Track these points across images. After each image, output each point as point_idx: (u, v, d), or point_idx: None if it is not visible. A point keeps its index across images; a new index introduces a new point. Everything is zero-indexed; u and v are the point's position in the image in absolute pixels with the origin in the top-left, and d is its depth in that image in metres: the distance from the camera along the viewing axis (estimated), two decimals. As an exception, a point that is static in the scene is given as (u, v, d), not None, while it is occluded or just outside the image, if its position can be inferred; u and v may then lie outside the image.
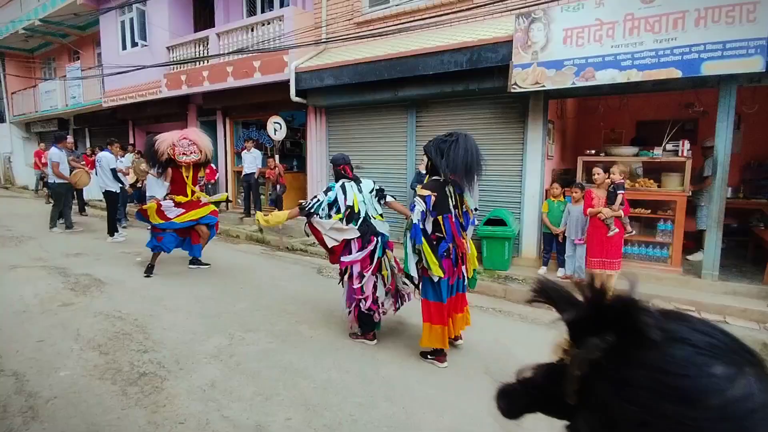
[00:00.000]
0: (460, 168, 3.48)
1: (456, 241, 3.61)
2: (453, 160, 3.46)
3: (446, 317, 3.65)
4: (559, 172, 7.01)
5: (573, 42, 5.36)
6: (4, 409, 3.00)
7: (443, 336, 3.63)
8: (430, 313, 3.66)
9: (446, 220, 3.57)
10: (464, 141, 3.51)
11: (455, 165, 3.47)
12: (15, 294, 5.22)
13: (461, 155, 3.45)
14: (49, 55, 17.97)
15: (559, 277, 5.91)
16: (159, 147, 5.86)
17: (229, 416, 2.98)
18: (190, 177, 6.07)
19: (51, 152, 8.95)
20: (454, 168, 3.48)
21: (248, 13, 10.37)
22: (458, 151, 3.46)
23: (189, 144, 5.95)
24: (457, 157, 3.45)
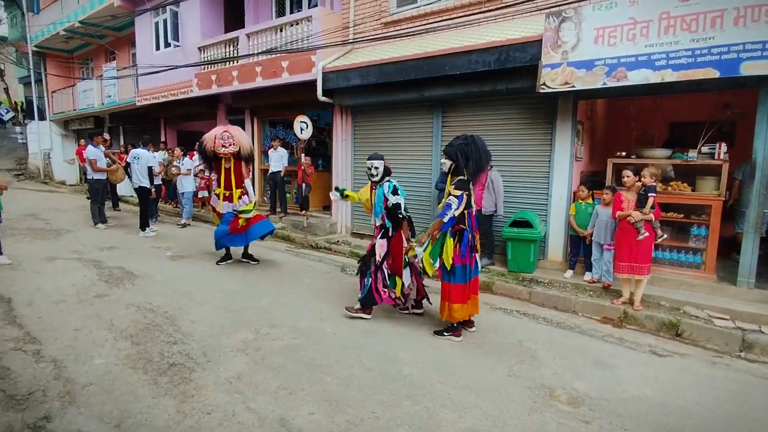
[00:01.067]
0: (485, 167, 4.22)
1: (473, 232, 4.22)
2: (477, 161, 4.05)
3: (468, 296, 4.23)
4: (587, 174, 6.87)
5: (605, 41, 5.25)
6: (44, 393, 3.15)
7: (462, 312, 4.20)
8: (449, 294, 4.20)
9: (469, 215, 4.14)
10: (481, 143, 4.12)
11: (481, 165, 4.10)
12: (54, 285, 5.45)
13: (483, 156, 4.10)
14: (87, 55, 18.65)
15: (586, 281, 5.80)
16: (206, 143, 6.16)
17: (254, 408, 3.04)
18: (231, 169, 6.28)
19: (88, 150, 9.31)
20: (481, 168, 4.13)
21: (277, 13, 10.53)
22: (479, 153, 4.07)
23: (228, 137, 6.17)
24: (480, 159, 4.06)
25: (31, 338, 4.02)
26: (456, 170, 4.11)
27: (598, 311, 5.15)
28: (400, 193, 4.60)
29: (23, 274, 5.88)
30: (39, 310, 4.67)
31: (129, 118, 15.66)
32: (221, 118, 11.99)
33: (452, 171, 4.15)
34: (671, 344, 4.44)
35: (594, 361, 3.95)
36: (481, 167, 4.09)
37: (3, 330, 4.18)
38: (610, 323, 4.94)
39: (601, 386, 3.50)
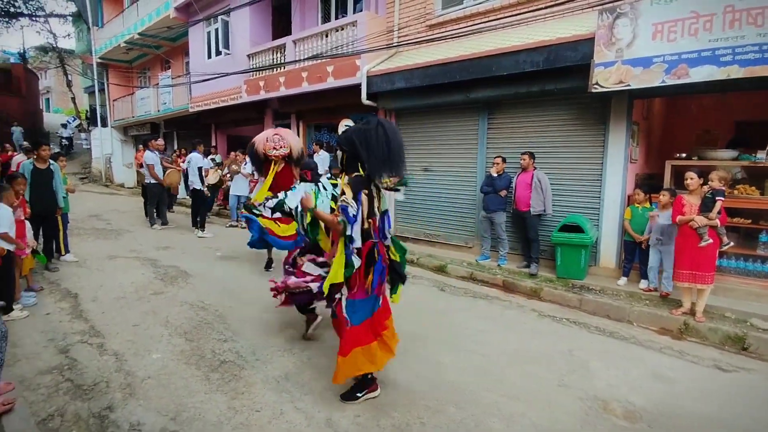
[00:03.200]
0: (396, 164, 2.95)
1: (379, 248, 3.07)
2: (380, 153, 2.86)
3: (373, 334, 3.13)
4: (642, 177, 6.54)
5: (664, 37, 4.98)
6: (107, 384, 3.34)
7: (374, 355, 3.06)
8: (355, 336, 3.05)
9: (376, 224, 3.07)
10: (391, 131, 2.95)
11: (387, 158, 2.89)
12: (115, 282, 5.78)
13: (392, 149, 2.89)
14: (145, 65, 19.73)
15: (641, 289, 5.52)
16: (257, 146, 6.16)
17: (301, 408, 3.09)
18: (281, 172, 6.25)
19: (146, 156, 9.83)
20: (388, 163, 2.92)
21: (323, 19, 10.73)
22: (385, 141, 2.87)
23: (279, 139, 6.20)
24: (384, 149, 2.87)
25: (96, 332, 4.28)
26: (350, 164, 3.01)
27: (656, 321, 4.88)
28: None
29: (88, 272, 6.27)
30: (102, 306, 4.97)
31: (182, 123, 16.42)
32: (268, 123, 12.34)
33: (346, 165, 3.04)
34: (737, 359, 4.14)
35: (651, 373, 3.74)
36: (387, 161, 2.89)
37: (71, 323, 4.47)
38: (669, 335, 4.67)
39: (659, 401, 3.31)
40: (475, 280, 6.47)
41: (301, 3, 11.01)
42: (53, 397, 3.18)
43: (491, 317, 5.01)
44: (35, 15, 24.60)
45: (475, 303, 5.51)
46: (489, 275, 6.42)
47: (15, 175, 5.34)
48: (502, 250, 6.82)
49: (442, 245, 8.04)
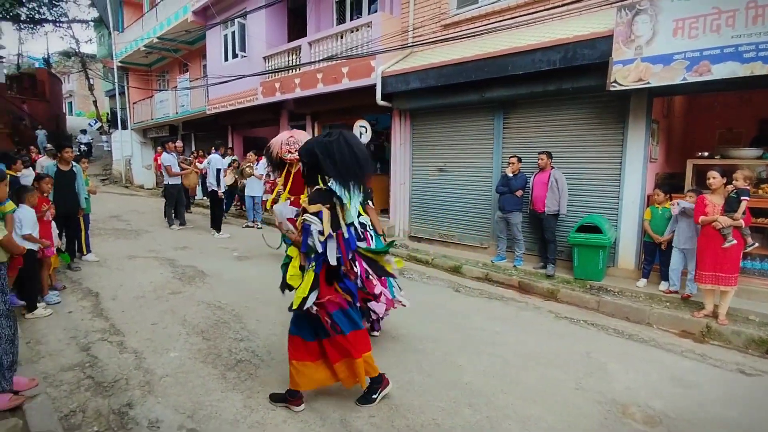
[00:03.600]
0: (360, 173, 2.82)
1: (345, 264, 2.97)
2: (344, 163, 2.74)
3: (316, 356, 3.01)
4: (663, 177, 6.41)
5: (685, 34, 4.87)
6: (126, 381, 3.40)
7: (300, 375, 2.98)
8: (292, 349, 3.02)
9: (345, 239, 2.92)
10: (354, 140, 2.86)
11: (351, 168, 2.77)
12: (134, 281, 5.89)
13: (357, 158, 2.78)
14: (164, 68, 20.09)
15: (662, 291, 5.40)
16: (273, 149, 6.15)
17: (316, 408, 3.10)
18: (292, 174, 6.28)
19: (163, 157, 10.01)
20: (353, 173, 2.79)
21: (338, 21, 10.78)
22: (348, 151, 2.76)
23: (294, 142, 6.22)
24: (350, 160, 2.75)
25: (116, 330, 4.36)
26: (311, 177, 2.92)
27: (677, 324, 4.77)
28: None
29: (108, 271, 6.40)
30: (122, 304, 5.06)
31: (200, 125, 16.67)
32: (284, 124, 12.44)
33: (307, 178, 2.98)
34: (761, 362, 4.02)
35: (672, 377, 3.66)
36: (352, 172, 2.76)
37: (92, 322, 4.57)
38: (691, 338, 4.57)
39: (680, 405, 3.23)
40: (490, 281, 6.42)
41: (316, 5, 11.08)
42: (75, 393, 3.25)
43: (507, 318, 4.96)
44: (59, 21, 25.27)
45: (490, 304, 5.47)
46: (505, 276, 6.36)
47: (42, 175, 5.49)
48: (518, 251, 6.75)
49: (457, 246, 7.99)
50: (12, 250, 3.08)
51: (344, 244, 2.91)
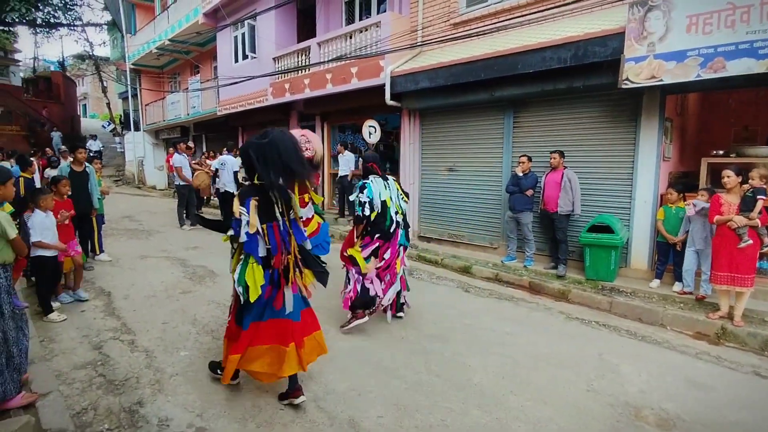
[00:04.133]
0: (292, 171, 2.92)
1: (278, 255, 2.99)
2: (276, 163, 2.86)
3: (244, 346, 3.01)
4: (676, 176, 6.30)
5: (699, 30, 4.78)
6: (137, 380, 3.43)
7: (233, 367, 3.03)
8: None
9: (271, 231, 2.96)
10: (285, 141, 2.95)
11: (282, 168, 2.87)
12: (146, 281, 5.95)
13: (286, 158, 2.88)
14: (175, 70, 20.29)
15: (676, 292, 5.31)
16: None
17: (324, 408, 3.10)
18: None
19: (174, 158, 10.11)
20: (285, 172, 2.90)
21: (347, 21, 10.78)
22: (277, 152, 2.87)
23: (306, 141, 6.24)
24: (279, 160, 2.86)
25: (127, 329, 4.41)
26: (250, 175, 3.04)
27: (691, 326, 4.69)
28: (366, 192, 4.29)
29: (120, 271, 6.48)
30: (133, 304, 5.12)
31: (211, 126, 16.80)
32: (293, 125, 12.49)
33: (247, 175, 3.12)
34: (779, 366, 3.93)
35: (686, 380, 3.59)
36: (280, 171, 2.86)
37: (104, 321, 4.62)
38: (705, 339, 4.48)
39: (694, 408, 3.17)
40: (500, 281, 6.37)
41: (325, 5, 11.10)
42: (87, 391, 3.28)
43: (517, 319, 4.91)
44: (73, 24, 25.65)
45: (500, 304, 5.43)
46: (515, 276, 6.31)
47: (58, 177, 5.52)
48: (528, 251, 6.69)
49: (467, 246, 7.95)
50: (21, 251, 3.11)
51: (279, 236, 2.97)
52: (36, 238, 4.36)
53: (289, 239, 3.02)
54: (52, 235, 4.57)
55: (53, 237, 4.58)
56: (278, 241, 2.98)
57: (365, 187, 4.31)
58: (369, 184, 4.34)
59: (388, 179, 4.53)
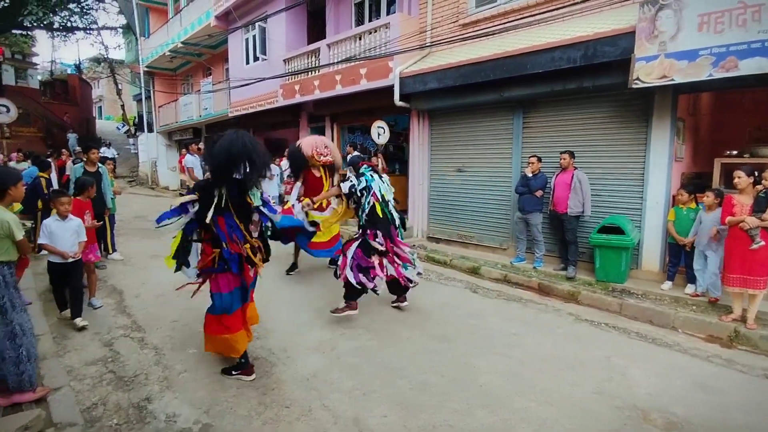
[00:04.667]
0: (230, 165, 3.25)
1: (229, 245, 3.34)
2: (217, 158, 3.25)
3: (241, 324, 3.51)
4: (689, 176, 6.21)
5: (710, 29, 4.72)
6: (146, 376, 3.48)
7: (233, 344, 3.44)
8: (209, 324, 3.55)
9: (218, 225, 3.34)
10: (233, 140, 3.28)
11: (222, 163, 3.24)
12: (156, 279, 6.02)
13: (233, 153, 3.23)
14: (188, 72, 20.54)
15: (687, 294, 5.23)
16: (305, 150, 6.08)
17: (329, 406, 3.11)
18: (325, 178, 6.24)
19: (186, 159, 10.24)
20: (222, 166, 3.26)
21: (356, 23, 10.82)
22: (221, 149, 3.25)
23: (325, 146, 6.26)
24: (221, 155, 3.23)
25: (137, 326, 4.48)
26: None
27: (703, 328, 4.62)
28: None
29: (132, 270, 6.58)
30: (144, 302, 5.19)
31: (222, 128, 16.89)
32: (303, 126, 12.58)
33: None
34: (792, 369, 3.85)
35: (696, 383, 3.54)
36: (222, 165, 3.23)
37: (116, 318, 4.70)
38: (718, 342, 4.41)
39: (703, 412, 3.13)
40: (509, 282, 6.34)
41: (335, 7, 11.16)
42: (97, 387, 3.34)
43: (525, 320, 4.88)
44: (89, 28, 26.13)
45: (508, 305, 5.40)
46: (524, 278, 6.27)
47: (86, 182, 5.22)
48: (537, 252, 6.64)
49: (476, 247, 7.92)
50: (26, 251, 3.20)
51: (225, 224, 3.36)
52: (42, 240, 4.24)
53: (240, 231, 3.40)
54: (63, 240, 4.30)
55: (64, 242, 4.31)
56: (225, 231, 3.36)
57: (363, 175, 4.72)
58: (368, 176, 4.71)
59: (382, 176, 4.88)
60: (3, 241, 2.95)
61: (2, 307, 2.92)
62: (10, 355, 2.92)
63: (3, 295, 2.93)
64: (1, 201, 3.00)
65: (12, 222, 2.95)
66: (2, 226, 2.92)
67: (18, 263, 3.31)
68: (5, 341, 2.93)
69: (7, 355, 2.92)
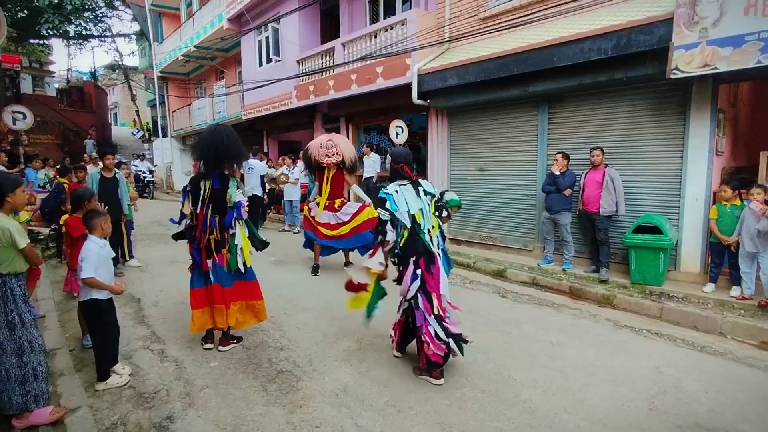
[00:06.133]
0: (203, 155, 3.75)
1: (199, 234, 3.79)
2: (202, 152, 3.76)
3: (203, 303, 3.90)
4: (730, 171, 5.86)
5: (758, 11, 4.39)
6: (167, 393, 3.30)
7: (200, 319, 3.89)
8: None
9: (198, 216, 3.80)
10: (215, 133, 3.76)
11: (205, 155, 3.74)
12: (175, 287, 5.87)
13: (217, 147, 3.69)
14: (201, 76, 20.57)
15: (733, 297, 4.91)
16: (311, 153, 6.18)
17: (362, 425, 2.89)
18: (328, 179, 6.22)
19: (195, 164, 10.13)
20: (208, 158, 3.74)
21: (371, 20, 10.61)
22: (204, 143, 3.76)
23: (332, 146, 6.13)
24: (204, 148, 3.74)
25: (157, 337, 4.31)
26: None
27: (755, 335, 4.30)
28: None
29: (150, 276, 6.44)
30: (163, 311, 5.03)
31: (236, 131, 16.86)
32: (318, 127, 12.41)
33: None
34: None
35: (760, 397, 3.24)
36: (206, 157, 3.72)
37: (134, 329, 4.54)
38: (773, 350, 4.09)
39: (775, 431, 2.83)
40: (538, 285, 6.06)
41: (349, 5, 10.96)
42: (117, 404, 3.17)
43: (562, 327, 4.60)
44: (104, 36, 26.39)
45: (541, 311, 5.12)
46: (554, 280, 5.98)
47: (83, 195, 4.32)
48: (567, 254, 6.34)
49: (500, 248, 7.64)
50: (33, 260, 2.97)
51: (201, 219, 3.76)
52: (89, 274, 3.20)
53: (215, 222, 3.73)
54: (107, 270, 3.39)
55: (109, 273, 3.40)
56: (200, 222, 3.75)
57: (386, 199, 3.37)
58: (391, 195, 3.38)
59: (420, 185, 3.49)
60: (6, 250, 2.74)
61: (11, 323, 2.75)
62: (15, 374, 2.75)
63: (11, 309, 2.75)
64: (1, 208, 2.82)
65: (13, 229, 2.74)
66: (2, 233, 2.71)
67: (28, 274, 3.13)
68: (12, 358, 2.76)
69: (13, 374, 2.74)
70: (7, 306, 2.75)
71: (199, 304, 3.89)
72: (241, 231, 3.90)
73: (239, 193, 3.81)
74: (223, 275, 3.85)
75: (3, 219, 2.77)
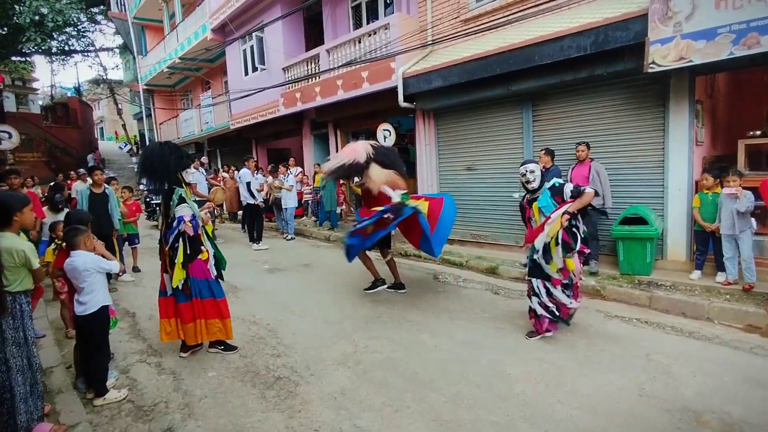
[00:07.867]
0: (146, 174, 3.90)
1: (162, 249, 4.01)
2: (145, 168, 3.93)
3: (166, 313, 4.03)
4: (710, 160, 6.00)
5: (729, 5, 4.52)
6: (166, 405, 3.32)
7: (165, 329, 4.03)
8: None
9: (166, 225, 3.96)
10: (158, 149, 3.93)
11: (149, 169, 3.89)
12: (169, 299, 5.88)
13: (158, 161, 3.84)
14: (187, 87, 20.54)
15: (719, 283, 5.02)
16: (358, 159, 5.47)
17: (361, 426, 2.94)
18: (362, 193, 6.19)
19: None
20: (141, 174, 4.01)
21: (354, 26, 10.70)
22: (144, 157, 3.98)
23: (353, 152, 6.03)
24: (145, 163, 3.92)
25: (153, 350, 4.33)
26: None
27: (741, 318, 4.41)
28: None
29: (143, 290, 6.44)
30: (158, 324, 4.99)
31: (224, 141, 16.90)
32: (306, 134, 12.46)
33: None
34: None
35: (746, 378, 3.33)
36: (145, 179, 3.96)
37: (130, 343, 4.55)
38: (758, 332, 4.20)
39: (760, 410, 2.92)
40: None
41: (332, 12, 11.04)
42: (116, 418, 3.19)
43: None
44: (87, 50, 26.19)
45: (533, 306, 5.19)
46: (545, 275, 6.06)
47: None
48: (557, 248, 6.43)
49: (491, 246, 7.73)
50: (40, 279, 3.05)
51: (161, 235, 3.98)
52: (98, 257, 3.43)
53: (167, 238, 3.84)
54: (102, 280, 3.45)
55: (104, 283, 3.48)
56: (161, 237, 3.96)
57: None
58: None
59: None
60: (19, 270, 2.82)
61: (17, 340, 2.77)
62: (20, 392, 2.77)
63: (19, 326, 2.79)
64: (9, 228, 2.86)
65: (28, 250, 2.83)
66: (17, 255, 2.78)
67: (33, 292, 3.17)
68: (18, 375, 2.78)
69: (17, 392, 2.76)
70: (15, 323, 2.79)
71: (164, 314, 4.02)
72: (181, 248, 3.81)
73: (183, 207, 3.81)
74: (178, 291, 3.93)
75: (16, 240, 2.84)
